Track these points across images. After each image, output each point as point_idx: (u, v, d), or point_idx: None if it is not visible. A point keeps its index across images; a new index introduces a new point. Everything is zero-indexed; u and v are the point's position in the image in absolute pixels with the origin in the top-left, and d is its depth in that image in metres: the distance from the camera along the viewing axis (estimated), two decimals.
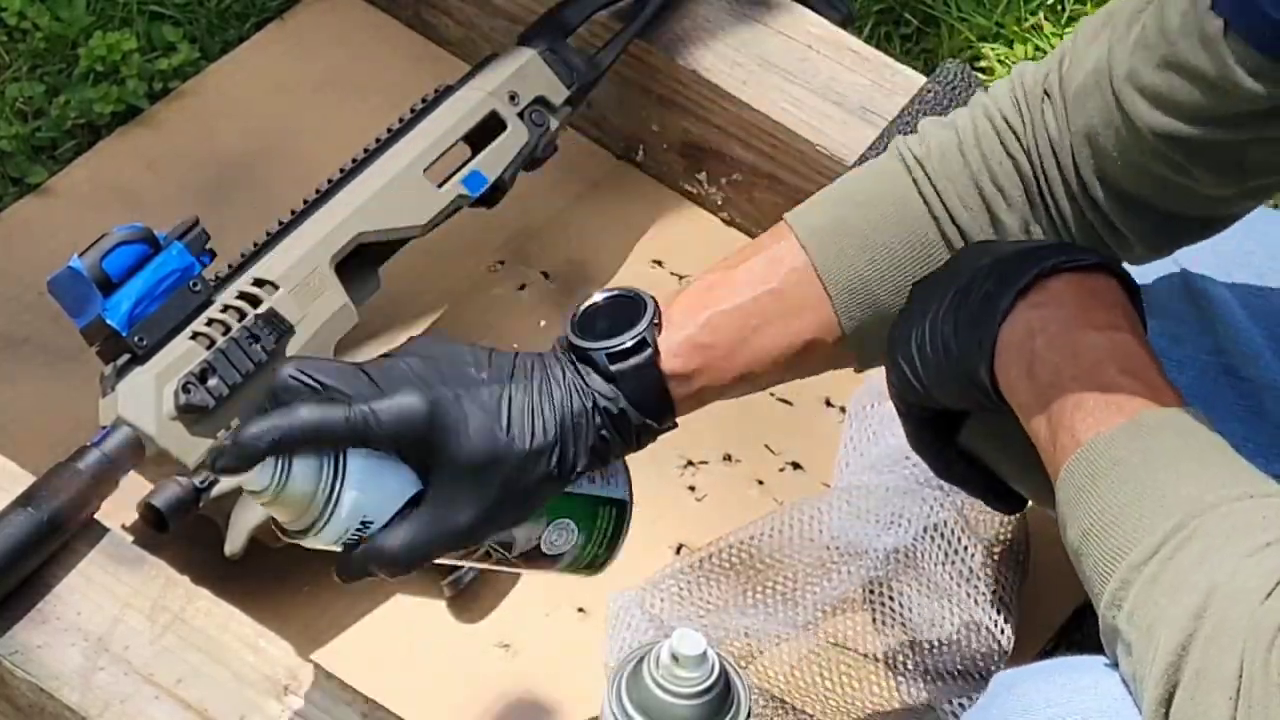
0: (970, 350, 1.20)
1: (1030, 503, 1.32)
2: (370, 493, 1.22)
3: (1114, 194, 1.26)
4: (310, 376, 1.21)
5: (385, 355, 1.25)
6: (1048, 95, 1.27)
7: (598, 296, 1.30)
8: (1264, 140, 1.19)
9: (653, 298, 1.28)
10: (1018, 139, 1.28)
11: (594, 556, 1.34)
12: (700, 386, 1.28)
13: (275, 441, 1.19)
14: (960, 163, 1.28)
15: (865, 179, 1.33)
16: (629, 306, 1.28)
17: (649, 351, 1.25)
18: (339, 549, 1.24)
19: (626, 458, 1.32)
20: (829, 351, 1.30)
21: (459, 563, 1.30)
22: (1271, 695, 1.00)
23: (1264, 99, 1.13)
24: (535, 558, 1.31)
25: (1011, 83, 1.29)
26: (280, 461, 1.20)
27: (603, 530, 1.32)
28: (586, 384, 1.25)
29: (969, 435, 1.31)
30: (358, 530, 1.22)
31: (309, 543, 1.24)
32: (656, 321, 1.27)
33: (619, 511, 1.33)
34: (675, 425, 1.29)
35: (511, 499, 1.23)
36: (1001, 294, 1.19)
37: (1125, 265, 1.24)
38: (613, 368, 1.25)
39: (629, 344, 1.25)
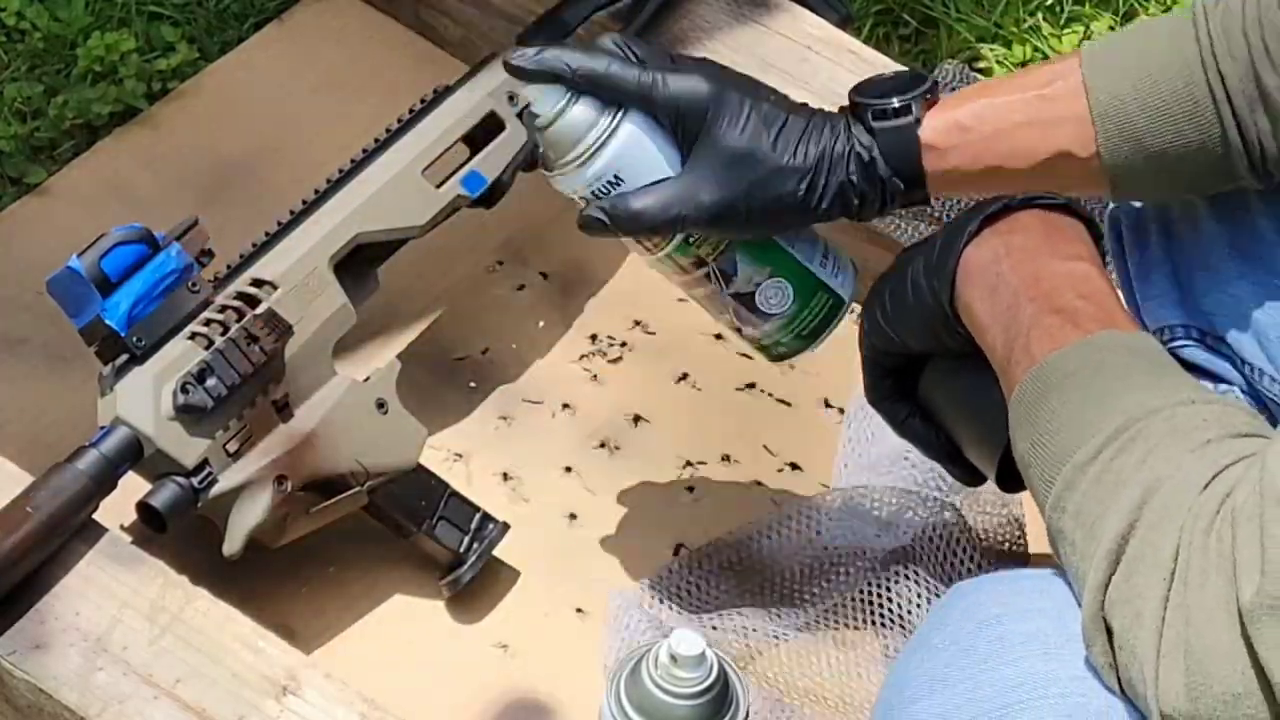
0: (936, 272, 1.28)
1: (990, 480, 1.34)
2: (631, 154, 1.34)
3: None
4: (625, 46, 1.35)
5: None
6: None
7: (889, 71, 1.41)
8: None
9: (937, 81, 1.37)
10: None
11: (797, 334, 1.41)
12: (953, 165, 1.35)
13: (570, 70, 1.33)
14: (1239, 14, 1.31)
15: (1159, 19, 1.38)
16: (913, 81, 1.36)
17: (911, 118, 1.34)
18: (582, 199, 1.36)
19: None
20: (1081, 167, 1.34)
21: (680, 270, 1.39)
22: (1208, 573, 1.04)
23: None
24: (746, 304, 1.40)
25: None
26: (569, 93, 1.33)
27: (814, 313, 1.41)
28: (850, 133, 1.34)
29: (925, 385, 1.37)
30: (607, 184, 1.34)
31: (559, 182, 1.36)
32: (930, 97, 1.35)
33: (834, 306, 1.41)
34: (926, 200, 1.36)
35: (755, 203, 1.33)
36: (970, 221, 1.28)
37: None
38: (875, 124, 1.34)
39: (896, 105, 1.34)
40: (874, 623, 1.54)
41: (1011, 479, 1.27)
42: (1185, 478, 1.08)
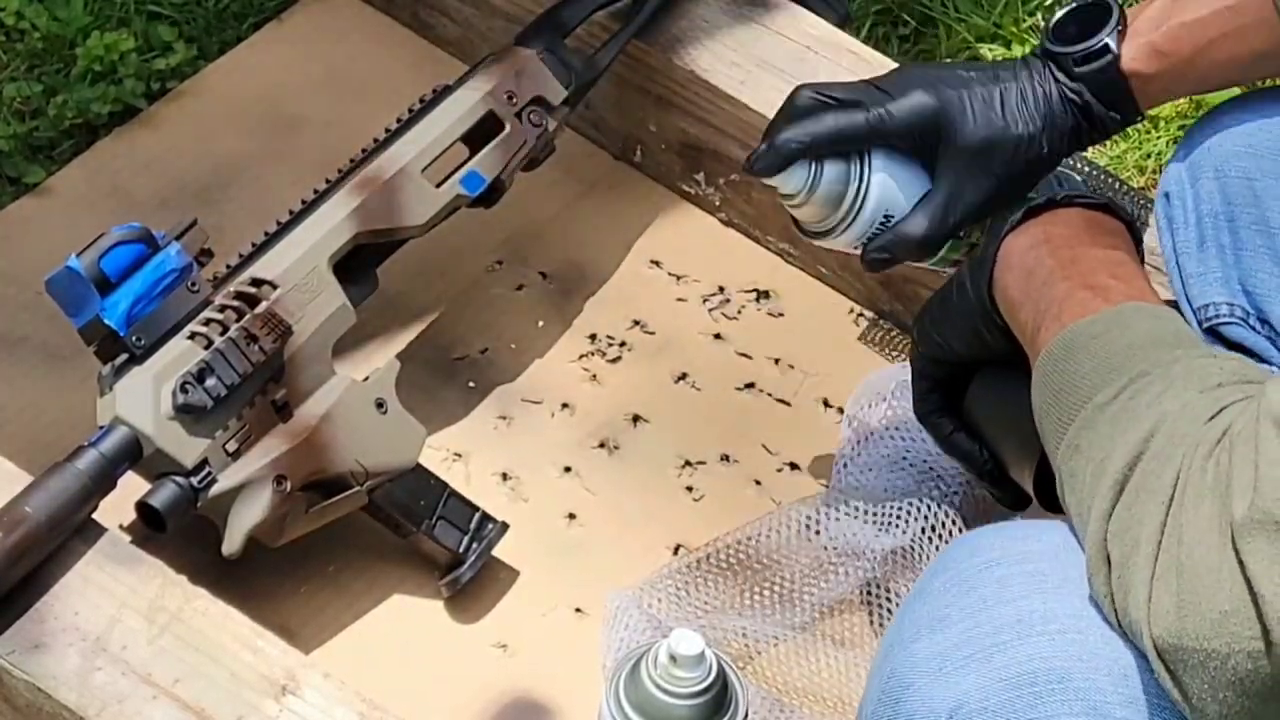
0: (978, 263, 1.31)
1: (1033, 502, 1.34)
2: (891, 190, 1.41)
3: None
4: (825, 94, 1.42)
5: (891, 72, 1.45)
6: None
7: (1073, 3, 1.45)
8: None
9: (1119, 5, 1.42)
10: None
11: None
12: (1160, 89, 1.42)
13: (806, 143, 1.40)
14: None
15: None
16: (1097, 12, 1.42)
17: (1111, 56, 1.40)
18: (858, 249, 1.43)
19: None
20: (1278, 62, 1.41)
21: (956, 261, 1.44)
22: (1203, 496, 1.06)
23: None
24: None
25: None
26: (812, 165, 1.41)
27: None
28: (1056, 79, 1.41)
29: (969, 398, 1.38)
30: (879, 226, 1.41)
31: (832, 241, 1.44)
32: (1120, 28, 1.41)
33: None
34: (1142, 118, 1.43)
35: (1012, 179, 1.41)
36: (1015, 213, 1.32)
37: None
38: (1077, 70, 1.41)
39: (1095, 48, 1.40)
40: (873, 623, 1.54)
41: (1050, 496, 1.27)
42: (1191, 412, 1.10)
